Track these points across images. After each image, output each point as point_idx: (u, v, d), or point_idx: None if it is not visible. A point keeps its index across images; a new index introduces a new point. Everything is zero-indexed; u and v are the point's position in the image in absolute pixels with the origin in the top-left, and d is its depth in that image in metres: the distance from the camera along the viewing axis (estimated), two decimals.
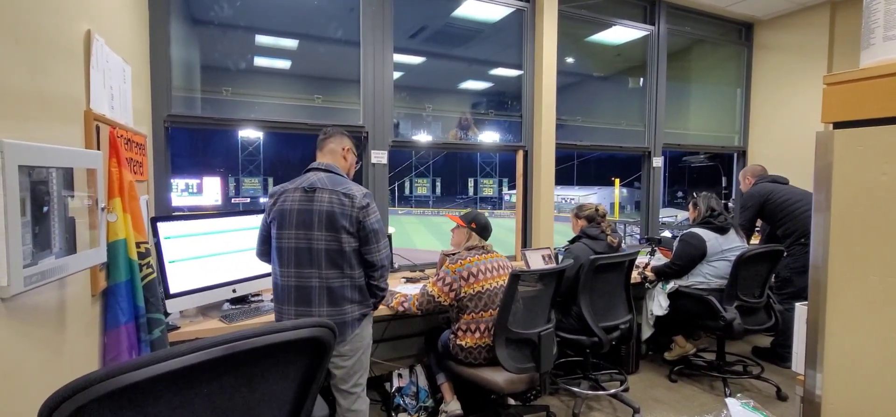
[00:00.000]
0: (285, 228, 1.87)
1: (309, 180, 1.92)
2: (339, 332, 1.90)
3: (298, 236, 1.87)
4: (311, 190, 1.89)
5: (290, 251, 1.87)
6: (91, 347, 1.47)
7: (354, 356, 1.97)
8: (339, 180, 1.95)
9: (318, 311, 1.88)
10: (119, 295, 1.54)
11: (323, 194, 1.89)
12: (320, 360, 0.95)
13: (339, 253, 1.89)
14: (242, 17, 2.93)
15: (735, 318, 2.87)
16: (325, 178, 1.93)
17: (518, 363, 2.26)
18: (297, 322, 0.88)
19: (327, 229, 1.87)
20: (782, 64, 4.62)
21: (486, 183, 35.87)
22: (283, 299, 1.90)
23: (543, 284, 2.36)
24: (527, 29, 3.70)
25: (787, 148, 4.54)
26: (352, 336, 1.95)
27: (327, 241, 1.88)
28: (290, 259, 1.87)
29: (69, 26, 1.36)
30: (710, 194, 3.25)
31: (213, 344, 0.77)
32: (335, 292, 1.90)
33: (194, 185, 22.95)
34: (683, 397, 3.04)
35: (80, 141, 1.41)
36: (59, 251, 1.17)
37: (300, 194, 1.89)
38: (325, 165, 2.00)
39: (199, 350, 0.76)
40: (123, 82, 1.89)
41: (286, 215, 1.88)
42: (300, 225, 1.87)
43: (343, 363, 1.95)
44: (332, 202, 1.88)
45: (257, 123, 2.93)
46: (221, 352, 0.77)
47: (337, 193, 1.90)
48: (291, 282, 1.88)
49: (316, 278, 1.87)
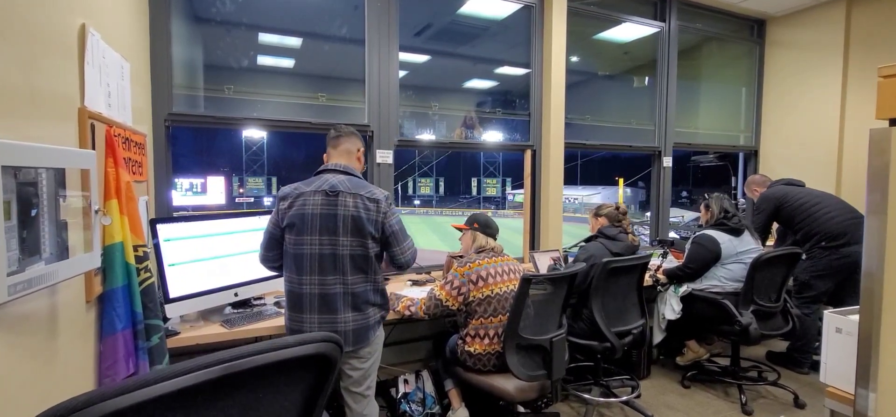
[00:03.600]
0: (306, 233, 1.80)
1: (328, 182, 1.84)
2: (362, 336, 1.88)
3: (322, 242, 1.80)
4: (334, 193, 1.82)
5: (312, 258, 1.80)
6: (86, 355, 1.41)
7: (372, 357, 1.94)
8: (360, 183, 1.90)
9: (343, 317, 1.83)
10: (115, 301, 1.47)
11: (347, 198, 1.82)
12: (326, 376, 0.88)
13: (364, 258, 1.85)
14: (246, 14, 2.87)
15: (751, 323, 2.78)
16: (345, 180, 1.86)
17: (529, 370, 2.18)
18: (301, 338, 0.81)
19: (353, 234, 1.82)
20: (796, 61, 4.51)
21: (489, 183, 35.80)
22: (302, 307, 1.83)
23: (554, 288, 2.29)
24: (535, 26, 3.62)
25: (801, 148, 4.44)
26: (374, 338, 1.93)
27: (353, 247, 1.82)
28: (312, 266, 1.80)
29: (62, 20, 1.30)
30: (723, 195, 3.16)
31: (210, 364, 0.70)
32: (359, 297, 1.85)
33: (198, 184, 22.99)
34: (697, 403, 2.96)
35: (73, 140, 1.34)
36: (49, 257, 1.10)
37: (322, 197, 1.81)
38: (342, 166, 1.92)
39: (196, 371, 0.69)
40: (122, 80, 1.83)
41: (307, 219, 1.80)
42: (324, 231, 1.80)
43: (361, 365, 1.91)
44: (357, 207, 1.83)
45: (260, 122, 2.87)
46: (220, 372, 0.70)
47: (361, 197, 1.84)
48: (314, 290, 1.81)
49: (339, 284, 1.82)
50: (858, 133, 4.12)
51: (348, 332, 1.84)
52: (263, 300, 2.43)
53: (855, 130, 4.13)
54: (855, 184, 4.11)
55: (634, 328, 2.73)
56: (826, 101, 4.24)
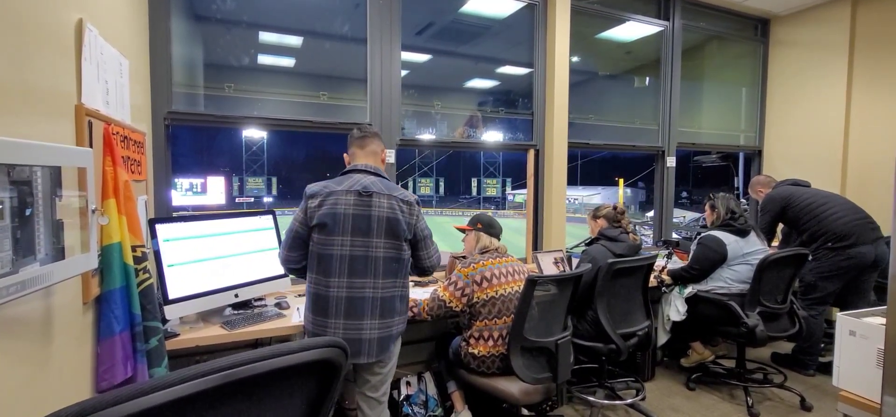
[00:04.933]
0: (337, 233, 1.75)
1: (361, 182, 1.80)
2: (385, 347, 1.84)
3: (354, 244, 1.76)
4: (368, 194, 1.78)
5: (342, 259, 1.75)
6: (83, 359, 1.37)
7: (390, 363, 1.92)
8: (392, 184, 1.89)
9: (370, 323, 1.79)
10: (113, 303, 1.44)
11: (381, 199, 1.79)
12: (331, 383, 0.84)
13: (396, 262, 1.83)
14: (247, 12, 2.84)
15: (758, 324, 2.75)
16: (377, 182, 1.83)
17: (534, 372, 2.15)
18: (304, 344, 0.77)
19: (387, 236, 1.79)
20: (800, 61, 4.48)
21: (489, 183, 35.78)
22: (327, 311, 1.77)
23: (560, 289, 2.25)
24: (538, 24, 3.58)
25: (806, 148, 4.41)
26: (394, 349, 1.90)
27: (386, 249, 1.79)
28: (342, 268, 1.76)
29: (58, 15, 1.26)
30: (729, 195, 3.13)
31: (208, 372, 0.66)
32: (387, 303, 1.82)
33: (198, 184, 22.94)
34: (703, 406, 2.92)
35: (71, 138, 1.31)
36: (44, 258, 1.07)
37: (355, 197, 1.77)
38: (372, 167, 1.88)
39: (194, 379, 0.65)
40: (120, 77, 1.79)
41: (339, 219, 1.75)
42: (357, 231, 1.76)
43: (381, 370, 1.89)
44: (392, 208, 1.80)
45: (261, 121, 2.83)
46: (219, 380, 0.67)
47: (395, 198, 1.82)
48: (342, 293, 1.76)
49: (370, 288, 1.78)
50: (863, 133, 4.08)
51: (373, 340, 1.80)
52: (264, 302, 2.39)
53: (860, 131, 4.10)
54: (860, 184, 4.07)
55: (640, 330, 2.70)
56: (831, 100, 4.21)
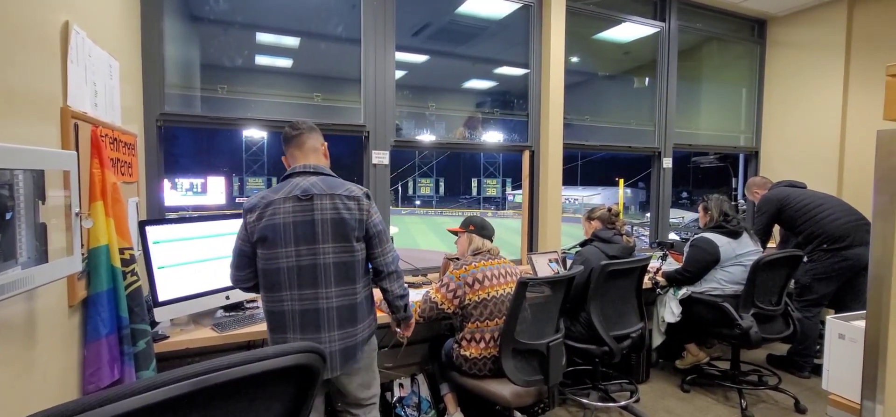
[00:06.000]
0: (280, 245, 1.63)
1: (300, 186, 1.68)
2: (350, 355, 1.74)
3: (299, 253, 1.64)
4: (307, 197, 1.66)
5: (289, 271, 1.64)
6: (68, 362, 1.37)
7: (369, 368, 1.85)
8: (335, 181, 1.75)
9: (329, 336, 1.68)
10: (100, 305, 1.44)
11: (323, 201, 1.67)
12: (308, 389, 0.84)
13: (349, 266, 1.70)
14: (242, 13, 2.84)
15: (752, 326, 2.74)
16: (318, 182, 1.71)
17: (525, 375, 2.14)
18: (280, 349, 0.77)
19: (335, 240, 1.67)
20: (797, 62, 4.47)
21: (489, 183, 35.78)
22: (283, 327, 1.67)
23: (552, 290, 2.25)
24: (534, 25, 3.58)
25: (803, 149, 4.40)
26: (363, 355, 1.79)
27: (336, 253, 1.68)
28: (290, 281, 1.64)
29: (43, 16, 1.26)
30: (723, 197, 3.12)
31: (179, 379, 0.66)
32: (345, 310, 1.70)
33: (199, 184, 22.94)
34: (697, 408, 2.92)
35: (56, 141, 1.30)
36: (26, 261, 1.07)
37: (293, 203, 1.65)
38: (311, 166, 1.76)
39: (162, 386, 0.65)
40: (110, 79, 1.79)
41: (279, 230, 1.63)
42: (301, 240, 1.64)
43: (351, 379, 1.80)
44: (336, 208, 1.68)
45: (255, 122, 2.83)
46: (189, 387, 0.66)
47: (339, 197, 1.69)
48: (295, 306, 1.66)
49: (323, 298, 1.67)
50: (860, 134, 4.08)
51: (335, 353, 1.70)
52: (256, 304, 2.39)
53: (857, 131, 4.09)
54: (857, 185, 4.06)
55: (633, 332, 2.69)
56: (828, 101, 4.20)
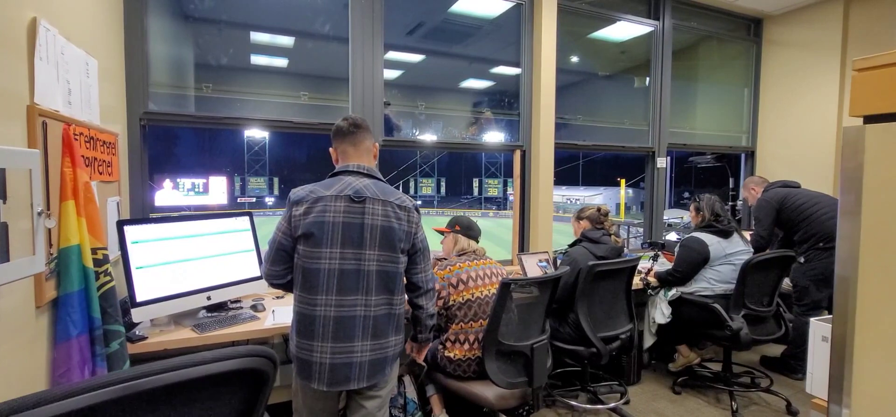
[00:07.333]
0: (325, 245, 1.56)
1: (352, 186, 1.61)
2: (379, 369, 1.64)
3: (344, 256, 1.57)
4: (360, 200, 1.59)
5: (331, 274, 1.56)
6: (36, 363, 1.35)
7: (386, 388, 1.73)
8: (388, 188, 1.68)
9: (361, 345, 1.59)
10: (70, 306, 1.42)
11: (375, 206, 1.60)
12: (258, 395, 0.82)
13: (391, 276, 1.63)
14: (235, 13, 2.83)
15: (742, 327, 2.71)
16: (371, 185, 1.64)
17: (509, 377, 2.12)
18: (226, 352, 0.75)
19: (381, 247, 1.60)
20: (793, 61, 4.43)
21: (490, 183, 35.73)
22: (313, 333, 1.57)
23: (539, 291, 2.22)
24: (525, 24, 3.55)
25: (799, 148, 4.36)
26: (390, 373, 1.70)
27: (380, 262, 1.61)
28: (329, 284, 1.56)
29: (7, 13, 1.24)
30: (714, 197, 3.09)
31: (111, 382, 0.64)
32: (380, 322, 1.62)
33: (201, 184, 22.97)
34: (688, 410, 2.89)
35: (21, 139, 1.28)
36: None
37: (345, 203, 1.58)
38: (365, 168, 1.68)
39: (93, 390, 0.63)
40: (86, 77, 1.78)
41: (326, 228, 1.56)
42: (347, 243, 1.57)
43: (375, 395, 1.70)
44: (387, 216, 1.61)
45: (247, 122, 2.81)
46: (120, 392, 0.64)
47: (391, 204, 1.63)
48: (329, 312, 1.56)
49: (361, 306, 1.59)
50: None
51: (364, 364, 1.60)
52: (240, 304, 2.37)
53: None
54: None
55: (622, 333, 2.66)
56: (823, 100, 4.17)
